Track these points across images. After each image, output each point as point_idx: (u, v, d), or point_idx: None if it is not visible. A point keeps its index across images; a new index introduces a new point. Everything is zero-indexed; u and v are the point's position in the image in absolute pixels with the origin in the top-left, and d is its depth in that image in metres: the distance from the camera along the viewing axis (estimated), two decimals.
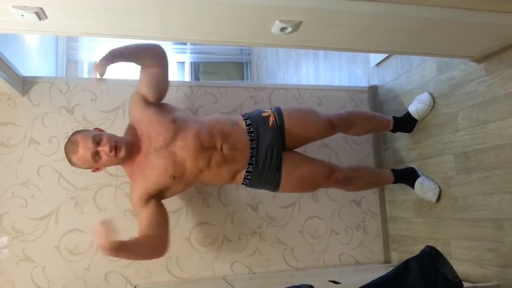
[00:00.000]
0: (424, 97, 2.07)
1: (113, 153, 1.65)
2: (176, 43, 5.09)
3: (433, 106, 2.05)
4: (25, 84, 2.02)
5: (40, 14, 1.24)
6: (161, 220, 1.76)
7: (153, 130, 1.72)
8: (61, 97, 2.06)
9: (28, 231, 1.94)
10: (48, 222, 1.96)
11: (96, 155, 1.65)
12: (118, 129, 1.89)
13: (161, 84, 1.80)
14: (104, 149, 1.65)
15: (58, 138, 2.01)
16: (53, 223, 1.97)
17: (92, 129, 1.78)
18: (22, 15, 1.23)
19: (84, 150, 1.64)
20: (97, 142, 1.65)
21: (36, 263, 1.93)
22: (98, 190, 2.03)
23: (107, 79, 1.73)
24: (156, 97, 1.79)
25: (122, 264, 2.01)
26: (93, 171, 1.76)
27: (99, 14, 1.28)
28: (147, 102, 1.77)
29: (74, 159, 1.67)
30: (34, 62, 3.43)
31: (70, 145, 1.67)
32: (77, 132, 1.72)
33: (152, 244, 1.71)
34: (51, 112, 2.03)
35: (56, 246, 1.96)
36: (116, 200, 2.04)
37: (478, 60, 1.78)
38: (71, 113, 2.05)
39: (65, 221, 1.98)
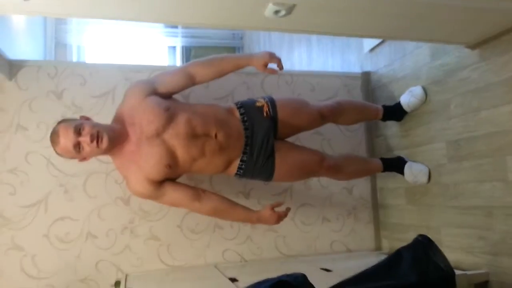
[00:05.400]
0: (417, 91, 2.05)
1: (94, 143, 1.57)
2: (167, 27, 5.01)
3: (425, 101, 2.03)
4: (12, 68, 1.96)
5: None
6: (192, 188, 1.79)
7: (145, 118, 1.65)
8: (49, 81, 2.01)
9: (17, 219, 1.91)
10: (38, 210, 1.94)
11: (77, 145, 1.58)
12: (108, 115, 1.83)
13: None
14: (85, 139, 1.57)
15: (46, 124, 1.96)
16: (42, 211, 1.94)
17: (79, 117, 1.71)
18: None
19: (65, 141, 1.57)
20: (79, 132, 1.57)
21: (25, 251, 1.91)
22: (88, 177, 2.00)
23: None
24: (169, 94, 1.77)
25: (113, 252, 2.00)
26: (80, 160, 1.69)
27: None
28: (153, 93, 1.71)
29: (57, 150, 1.62)
30: (22, 45, 3.35)
31: (53, 136, 1.61)
32: (60, 121, 1.65)
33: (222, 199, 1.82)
34: (39, 97, 1.99)
35: (46, 234, 1.93)
36: (106, 187, 2.02)
37: (472, 47, 1.76)
38: (60, 98, 2.01)
39: (54, 209, 1.95)
